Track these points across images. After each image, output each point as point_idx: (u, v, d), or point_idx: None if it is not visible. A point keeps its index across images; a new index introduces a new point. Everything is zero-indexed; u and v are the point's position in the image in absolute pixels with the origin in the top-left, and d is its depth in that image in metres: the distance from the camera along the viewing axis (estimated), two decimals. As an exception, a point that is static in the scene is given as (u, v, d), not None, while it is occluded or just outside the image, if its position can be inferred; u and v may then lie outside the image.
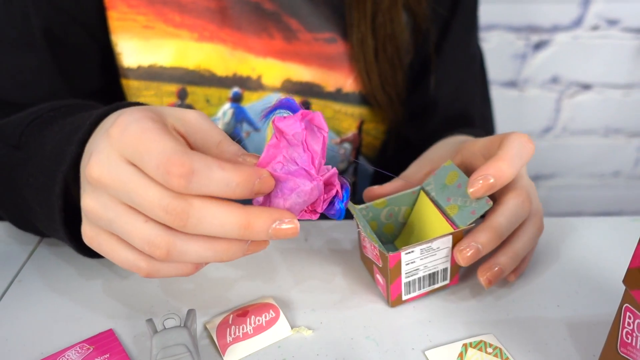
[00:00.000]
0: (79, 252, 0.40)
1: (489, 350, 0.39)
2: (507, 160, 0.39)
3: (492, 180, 0.39)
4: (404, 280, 0.41)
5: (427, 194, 0.44)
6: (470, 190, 0.40)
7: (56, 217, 0.37)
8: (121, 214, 0.31)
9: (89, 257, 0.40)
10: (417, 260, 0.40)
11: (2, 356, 0.38)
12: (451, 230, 0.41)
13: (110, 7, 0.56)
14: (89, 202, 0.32)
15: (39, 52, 0.54)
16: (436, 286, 0.43)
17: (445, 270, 0.43)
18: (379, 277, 0.43)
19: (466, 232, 0.41)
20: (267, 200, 0.33)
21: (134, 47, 0.57)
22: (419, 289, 0.42)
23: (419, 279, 0.42)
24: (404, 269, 0.40)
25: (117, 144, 0.31)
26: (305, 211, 0.34)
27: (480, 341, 0.39)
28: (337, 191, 0.34)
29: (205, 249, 0.31)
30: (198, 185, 0.29)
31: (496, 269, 0.41)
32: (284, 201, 0.32)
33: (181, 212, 0.29)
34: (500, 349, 0.39)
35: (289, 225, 0.31)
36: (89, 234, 0.34)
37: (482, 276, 0.41)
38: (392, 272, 0.40)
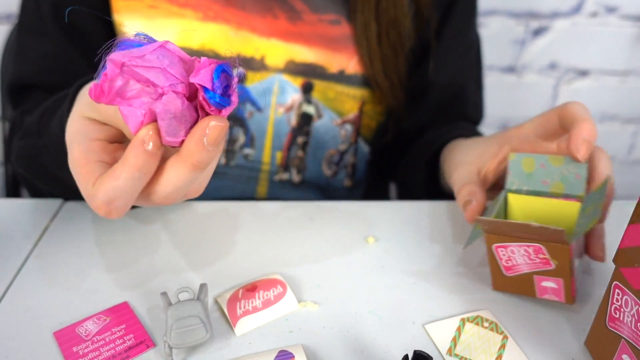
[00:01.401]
0: None
1: (485, 324, 0.41)
2: (588, 120, 0.42)
3: (589, 140, 0.42)
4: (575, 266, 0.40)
5: (518, 192, 0.44)
6: (579, 155, 0.42)
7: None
8: None
9: None
10: None
11: (23, 326, 0.40)
12: (577, 203, 0.42)
13: None
14: None
15: (53, 37, 0.56)
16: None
17: None
18: (548, 284, 0.40)
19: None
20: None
21: (140, 27, 0.57)
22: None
23: None
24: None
25: None
26: (201, 116, 0.30)
27: (477, 316, 0.41)
28: (200, 86, 0.29)
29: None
30: (120, 202, 0.31)
31: (602, 240, 0.45)
32: (162, 131, 0.30)
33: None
34: (496, 324, 0.41)
35: (213, 128, 0.29)
36: None
37: (599, 253, 0.44)
38: (572, 263, 0.38)
